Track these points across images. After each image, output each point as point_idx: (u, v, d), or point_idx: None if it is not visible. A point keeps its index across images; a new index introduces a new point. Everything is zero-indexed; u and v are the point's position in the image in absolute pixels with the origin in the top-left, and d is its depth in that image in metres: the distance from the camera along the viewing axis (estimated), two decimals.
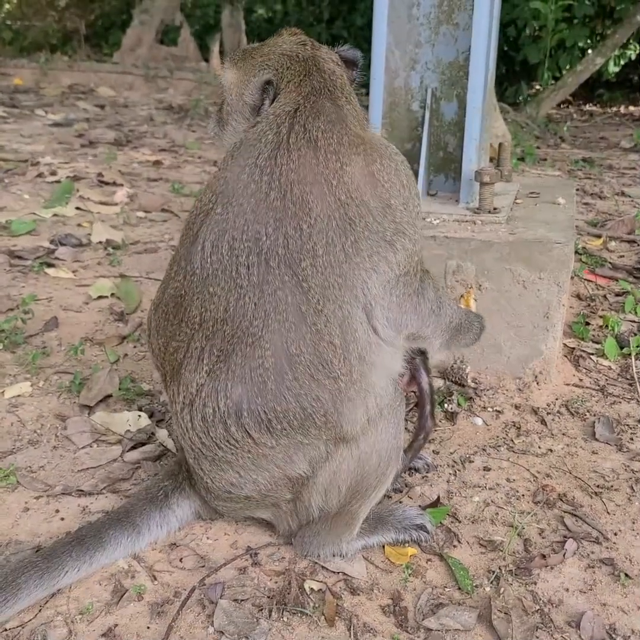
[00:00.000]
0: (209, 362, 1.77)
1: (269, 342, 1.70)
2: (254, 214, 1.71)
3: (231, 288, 1.73)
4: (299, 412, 1.74)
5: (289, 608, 1.81)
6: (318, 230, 1.69)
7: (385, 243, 1.77)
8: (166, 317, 1.88)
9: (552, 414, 2.72)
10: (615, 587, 1.91)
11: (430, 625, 1.77)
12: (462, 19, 3.08)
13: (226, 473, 1.86)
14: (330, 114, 1.81)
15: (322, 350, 1.71)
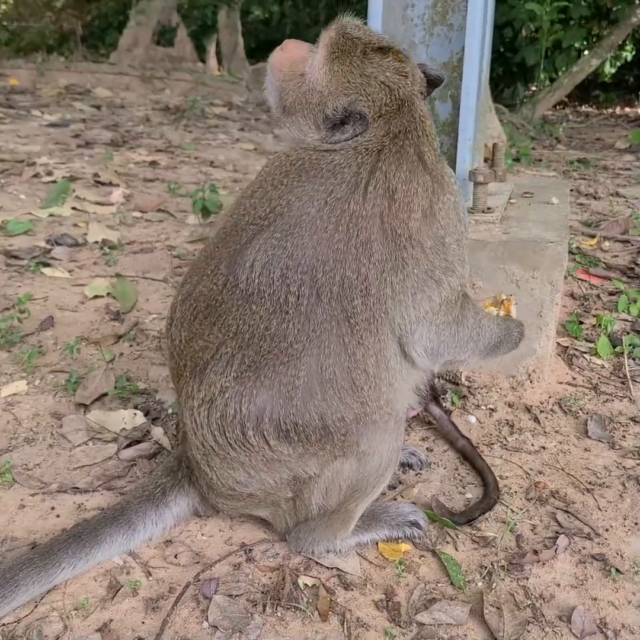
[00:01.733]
0: (238, 369, 1.79)
1: (305, 364, 1.75)
2: (314, 250, 1.73)
3: (276, 311, 1.75)
4: (320, 429, 1.77)
5: (283, 603, 1.82)
6: (374, 273, 1.73)
7: (433, 282, 1.81)
8: (194, 313, 1.88)
9: (545, 412, 2.74)
10: (606, 582, 1.93)
11: (422, 620, 1.79)
12: (456, 20, 3.10)
13: (235, 471, 1.87)
14: (413, 162, 1.79)
15: (355, 377, 1.76)
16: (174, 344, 1.94)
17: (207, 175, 6.39)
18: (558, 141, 9.43)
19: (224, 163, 7.02)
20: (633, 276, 4.03)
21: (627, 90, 15.44)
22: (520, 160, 7.21)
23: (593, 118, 12.49)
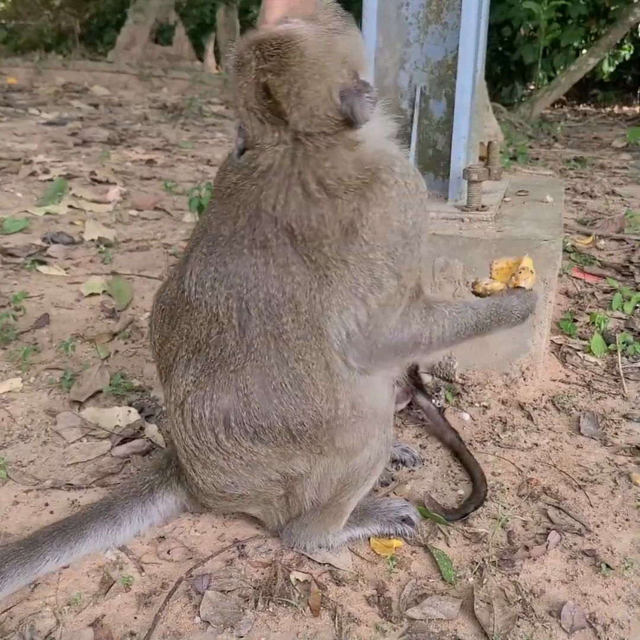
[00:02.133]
0: (194, 373, 1.82)
1: (251, 374, 1.75)
2: (235, 267, 1.75)
3: (212, 320, 1.79)
4: (284, 432, 1.77)
5: (275, 598, 1.83)
6: (301, 292, 1.72)
7: (357, 299, 1.75)
8: (163, 316, 1.93)
9: (538, 409, 2.75)
10: (597, 577, 1.94)
11: (413, 615, 1.80)
12: (451, 19, 3.11)
13: (219, 476, 1.88)
14: (310, 194, 1.70)
15: (305, 388, 1.75)
16: (154, 345, 2.00)
17: (204, 174, 6.39)
18: (555, 140, 9.44)
19: (221, 161, 7.02)
20: (628, 274, 4.04)
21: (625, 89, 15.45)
22: (517, 158, 7.22)
23: (591, 117, 12.50)
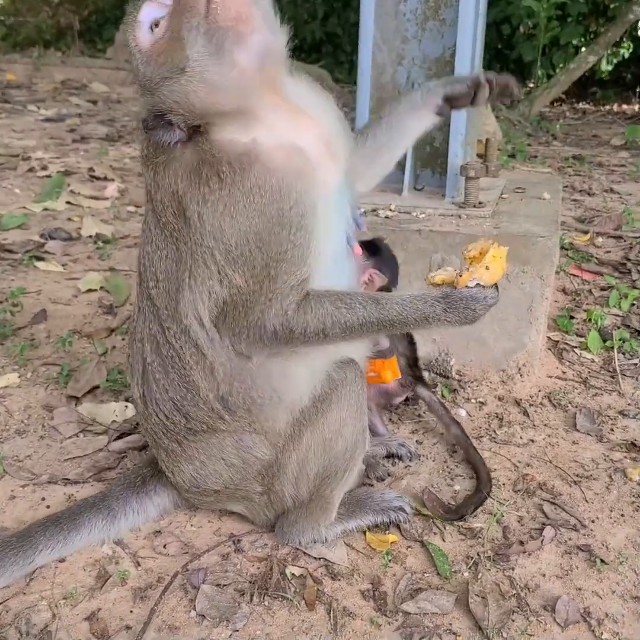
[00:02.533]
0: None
1: (144, 342, 1.88)
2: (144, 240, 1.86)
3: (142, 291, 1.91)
4: (201, 423, 1.87)
5: (270, 593, 1.84)
6: (158, 257, 1.79)
7: (217, 282, 1.72)
8: None
9: (534, 405, 2.76)
10: (591, 572, 1.95)
11: (408, 609, 1.80)
12: (449, 15, 3.11)
13: (183, 466, 1.93)
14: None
15: (189, 382, 1.83)
16: None
17: None
18: (554, 138, 9.43)
19: None
20: (625, 272, 4.04)
21: (625, 88, 15.43)
22: (515, 156, 7.21)
23: (590, 115, 12.48)
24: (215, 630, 1.73)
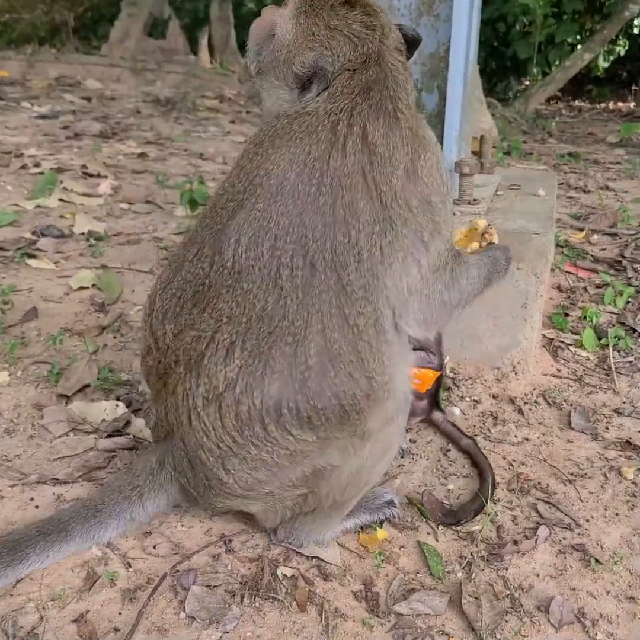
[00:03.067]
0: (240, 357, 1.68)
1: (312, 341, 1.65)
2: (300, 217, 1.65)
3: (269, 288, 1.66)
4: (337, 409, 1.68)
5: (261, 594, 1.81)
6: (364, 235, 1.66)
7: (421, 244, 1.74)
8: (180, 303, 1.79)
9: (529, 403, 2.74)
10: (586, 572, 1.93)
11: (401, 610, 1.78)
12: (443, 10, 3.09)
13: (257, 471, 1.76)
14: (389, 117, 1.72)
15: (361, 350, 1.68)
16: (156, 338, 1.84)
17: (197, 168, 6.36)
18: (550, 135, 9.42)
19: (213, 155, 6.99)
20: (620, 269, 4.03)
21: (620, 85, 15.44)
22: (510, 153, 7.20)
23: (586, 112, 12.48)
24: (205, 632, 1.71)
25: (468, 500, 2.18)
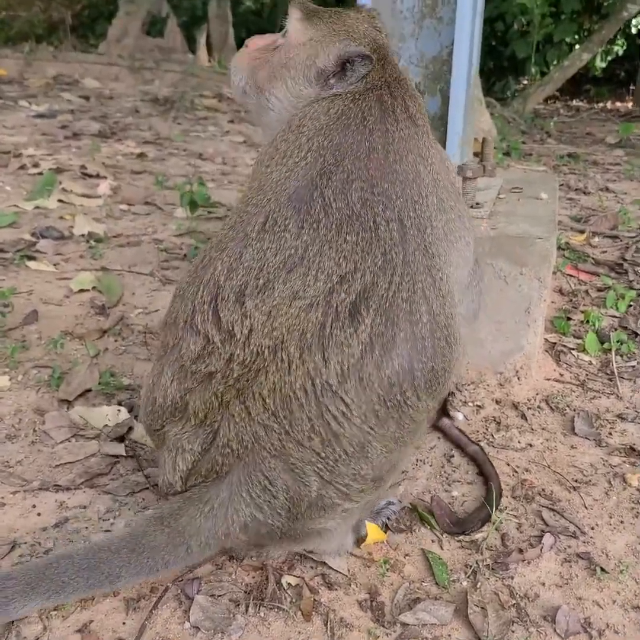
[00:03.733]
0: (368, 315, 1.52)
1: (421, 298, 1.57)
2: (378, 171, 1.61)
3: (373, 239, 1.56)
4: (443, 373, 1.61)
5: (266, 603, 1.80)
6: (429, 202, 1.67)
7: (466, 230, 1.78)
8: (264, 275, 1.55)
9: (532, 408, 2.73)
10: (591, 581, 1.92)
11: (406, 620, 1.77)
12: (446, 13, 3.08)
13: (391, 453, 1.61)
14: (417, 99, 1.80)
15: (448, 316, 1.62)
16: (228, 327, 1.55)
17: (196, 168, 6.34)
18: (549, 135, 9.42)
19: (212, 155, 6.97)
20: (621, 272, 4.02)
21: (618, 85, 15.47)
22: (510, 154, 7.20)
23: (584, 112, 12.49)
24: None
25: (475, 509, 2.17)
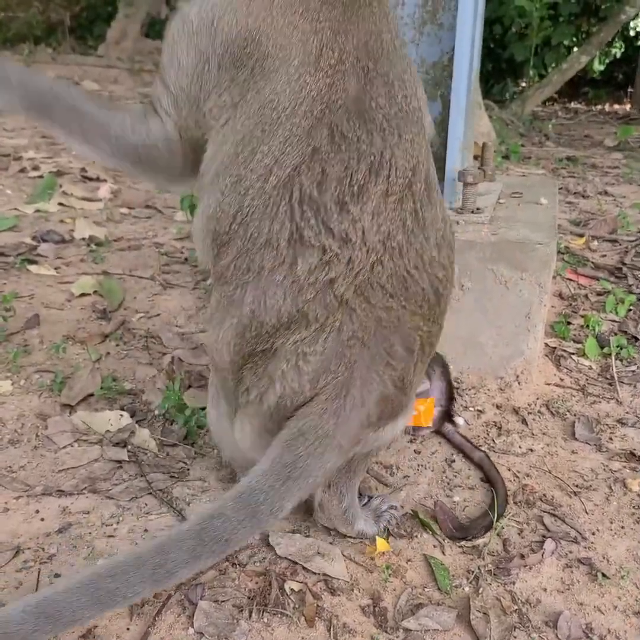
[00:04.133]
0: (437, 196, 1.78)
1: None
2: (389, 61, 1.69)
3: (420, 133, 1.72)
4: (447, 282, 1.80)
5: (269, 609, 1.81)
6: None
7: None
8: (355, 187, 1.62)
9: (532, 413, 2.74)
10: (593, 586, 1.93)
11: (409, 626, 1.78)
12: (447, 19, 3.09)
13: None
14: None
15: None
16: (341, 236, 1.62)
17: None
18: (547, 138, 9.44)
19: None
20: (621, 276, 4.04)
21: (616, 87, 15.49)
22: (509, 157, 7.21)
23: (582, 115, 12.51)
24: None
25: (479, 515, 2.18)
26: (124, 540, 2.04)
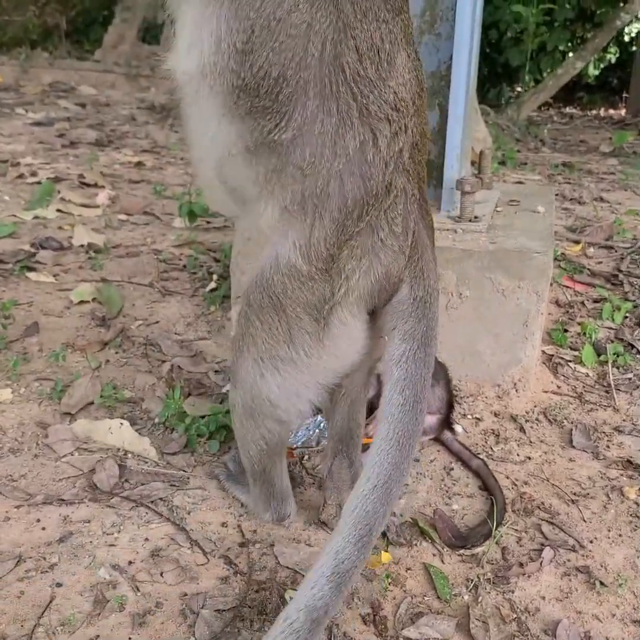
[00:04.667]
0: None
1: None
2: None
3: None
4: None
5: (270, 618, 1.82)
6: None
7: None
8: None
9: (530, 421, 2.76)
10: (591, 595, 1.95)
11: (409, 635, 1.80)
12: (445, 29, 3.11)
13: None
14: None
15: None
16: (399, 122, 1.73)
17: (194, 177, 6.36)
18: (543, 143, 9.47)
19: None
20: (617, 283, 4.06)
21: (611, 92, 15.54)
22: (505, 163, 7.24)
23: (577, 120, 12.56)
24: None
25: (478, 524, 2.19)
26: (125, 549, 2.05)
